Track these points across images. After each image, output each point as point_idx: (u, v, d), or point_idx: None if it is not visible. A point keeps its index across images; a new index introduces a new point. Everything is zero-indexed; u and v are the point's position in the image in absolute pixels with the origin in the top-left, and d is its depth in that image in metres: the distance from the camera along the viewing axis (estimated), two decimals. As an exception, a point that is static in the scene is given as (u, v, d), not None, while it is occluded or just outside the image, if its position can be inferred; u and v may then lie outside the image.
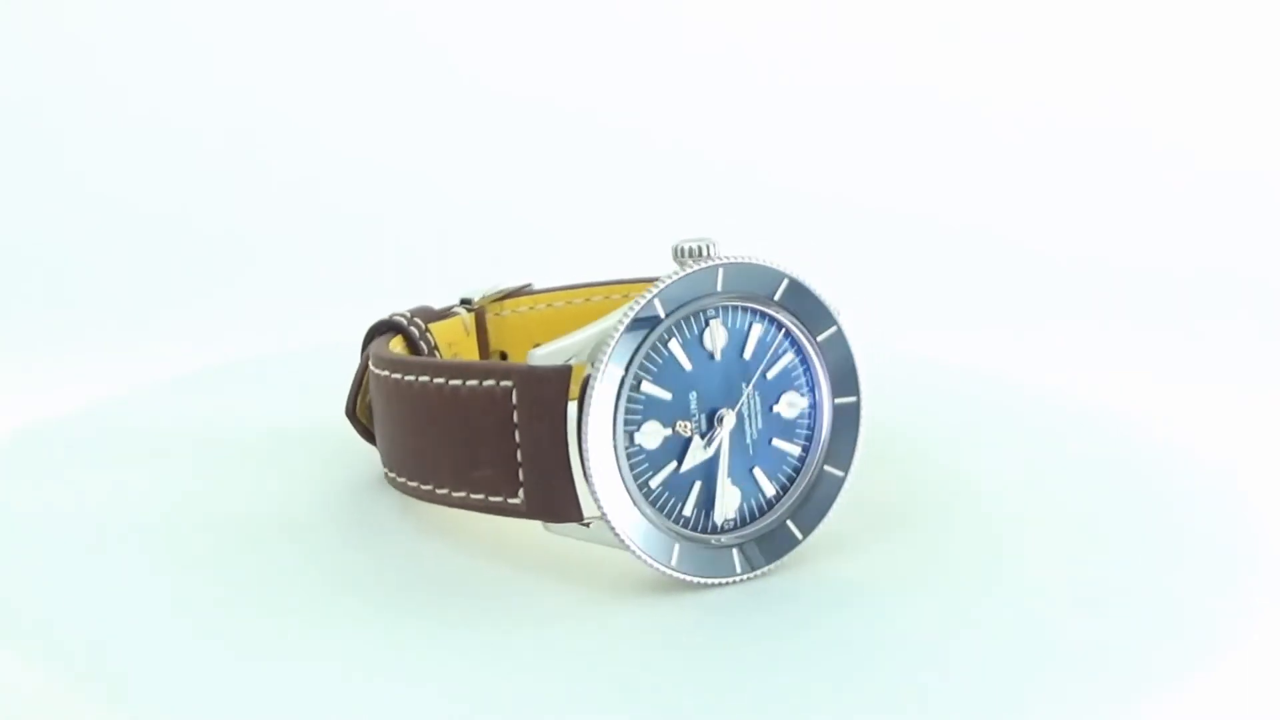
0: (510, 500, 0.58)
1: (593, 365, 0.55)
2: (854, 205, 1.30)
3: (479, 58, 1.37)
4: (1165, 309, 1.13)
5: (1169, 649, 0.53)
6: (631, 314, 0.56)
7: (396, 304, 0.77)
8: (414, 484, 0.63)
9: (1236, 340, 1.04)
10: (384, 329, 0.74)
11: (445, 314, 0.78)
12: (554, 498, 0.57)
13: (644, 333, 0.56)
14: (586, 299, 0.85)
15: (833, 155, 1.34)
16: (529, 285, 0.83)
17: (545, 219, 1.28)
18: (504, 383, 0.57)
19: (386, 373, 0.64)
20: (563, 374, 0.56)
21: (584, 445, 0.55)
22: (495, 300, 0.81)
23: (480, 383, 0.58)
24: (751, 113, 1.38)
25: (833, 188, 1.31)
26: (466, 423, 0.59)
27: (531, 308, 0.83)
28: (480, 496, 0.59)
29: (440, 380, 0.60)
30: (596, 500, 0.56)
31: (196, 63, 1.33)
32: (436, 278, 0.89)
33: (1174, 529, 0.65)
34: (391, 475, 0.66)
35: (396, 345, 0.72)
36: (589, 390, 0.55)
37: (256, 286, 1.20)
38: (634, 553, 0.57)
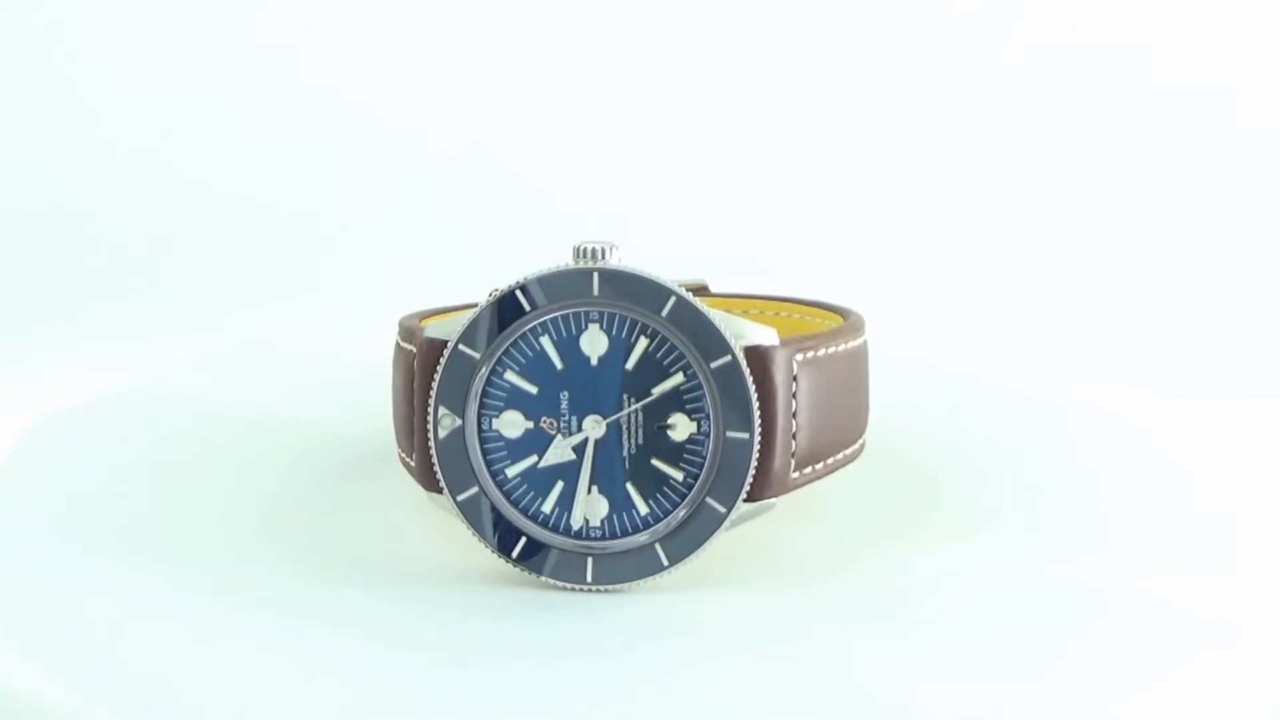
0: (411, 461, 0.62)
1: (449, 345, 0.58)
2: (855, 206, 1.23)
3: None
4: (1166, 314, 1.11)
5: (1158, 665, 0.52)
6: (488, 301, 0.57)
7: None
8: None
9: (1237, 343, 1.03)
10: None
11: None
12: (426, 466, 0.59)
13: (507, 323, 0.57)
14: (762, 311, 0.83)
15: (833, 155, 1.27)
16: (704, 286, 0.83)
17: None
18: (413, 348, 0.61)
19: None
20: (438, 347, 0.58)
21: (427, 419, 0.58)
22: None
23: (404, 345, 0.62)
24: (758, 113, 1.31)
25: (837, 189, 1.24)
26: (396, 382, 0.63)
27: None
28: (405, 455, 0.63)
29: (398, 339, 0.64)
30: (437, 476, 0.58)
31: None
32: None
33: (1170, 537, 0.63)
34: None
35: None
36: (435, 368, 0.57)
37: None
38: (475, 535, 0.58)
